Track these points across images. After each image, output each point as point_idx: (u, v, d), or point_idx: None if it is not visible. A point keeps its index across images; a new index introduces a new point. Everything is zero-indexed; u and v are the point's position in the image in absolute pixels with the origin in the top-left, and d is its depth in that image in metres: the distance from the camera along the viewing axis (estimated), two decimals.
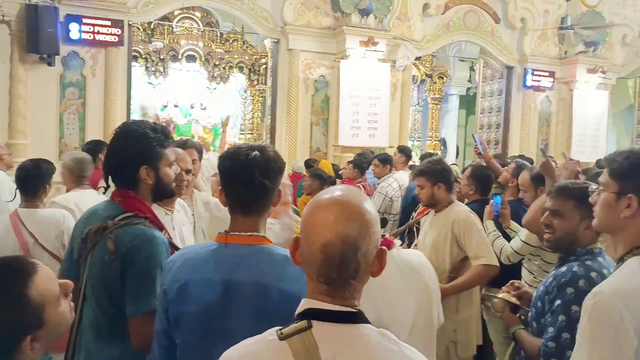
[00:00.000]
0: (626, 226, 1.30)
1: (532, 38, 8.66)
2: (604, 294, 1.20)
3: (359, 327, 0.92)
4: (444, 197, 2.79)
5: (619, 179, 1.32)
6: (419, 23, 7.84)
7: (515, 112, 8.82)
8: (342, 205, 0.93)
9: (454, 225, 2.69)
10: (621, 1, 9.18)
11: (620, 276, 1.26)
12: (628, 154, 1.34)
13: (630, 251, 1.29)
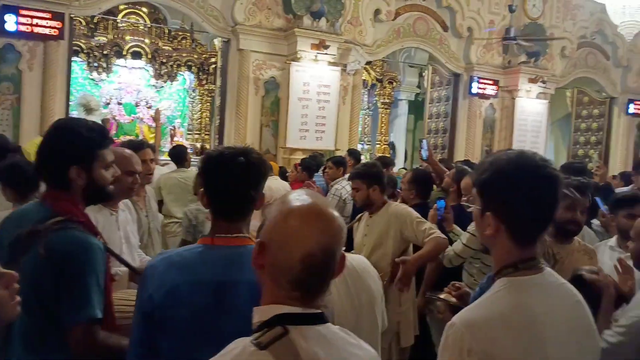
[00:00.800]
0: (493, 244, 1.20)
1: (478, 47, 9.00)
2: (455, 327, 1.11)
3: (327, 327, 0.96)
4: (378, 198, 2.96)
5: (481, 194, 1.21)
6: (370, 28, 7.98)
7: (462, 118, 9.14)
8: (319, 213, 0.94)
9: (394, 220, 2.87)
10: (561, 15, 9.70)
11: (480, 302, 1.17)
12: (489, 164, 1.20)
13: (499, 271, 1.19)
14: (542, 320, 1.11)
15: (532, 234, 1.18)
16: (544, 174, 1.16)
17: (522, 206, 1.14)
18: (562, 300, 1.17)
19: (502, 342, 1.08)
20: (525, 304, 1.12)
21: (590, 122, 11.08)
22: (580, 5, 9.56)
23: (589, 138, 11.05)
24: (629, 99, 10.54)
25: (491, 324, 1.10)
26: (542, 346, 1.10)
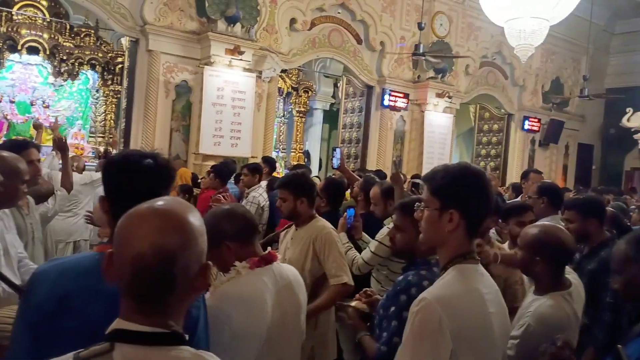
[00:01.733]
0: (448, 239, 1.41)
1: (390, 61, 9.39)
2: (426, 300, 1.30)
3: (171, 350, 0.85)
4: (305, 212, 2.77)
5: (440, 196, 1.41)
6: (286, 37, 8.04)
7: (374, 129, 9.47)
8: (161, 215, 0.87)
9: (316, 241, 2.70)
10: (465, 35, 10.39)
11: (442, 284, 1.37)
12: (444, 172, 1.43)
13: (451, 261, 1.41)
14: (487, 299, 1.37)
15: (478, 228, 1.45)
16: (485, 180, 1.43)
17: (476, 203, 1.40)
18: (491, 287, 1.45)
19: (464, 316, 1.30)
20: (475, 286, 1.37)
21: (490, 136, 11.95)
22: (482, 27, 10.29)
23: (489, 151, 11.92)
24: (524, 116, 11.51)
25: (454, 300, 1.31)
26: (489, 320, 1.36)
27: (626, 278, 1.67)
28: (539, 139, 11.90)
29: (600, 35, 12.59)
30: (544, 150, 12.11)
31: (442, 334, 1.26)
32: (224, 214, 1.80)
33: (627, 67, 12.44)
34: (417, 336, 1.30)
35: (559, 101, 12.06)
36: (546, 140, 11.90)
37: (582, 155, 12.82)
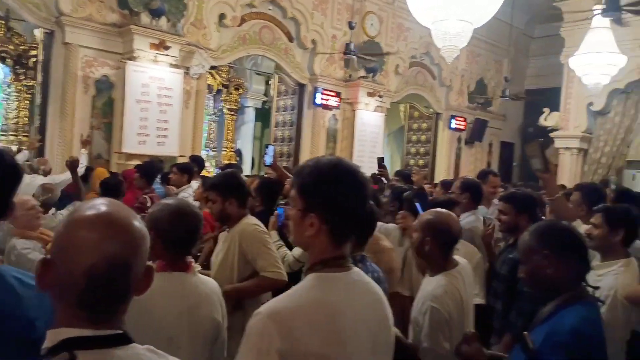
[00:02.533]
0: (312, 243, 1.27)
1: (322, 60, 9.43)
2: (259, 315, 1.17)
3: (127, 349, 0.88)
4: (235, 212, 2.70)
5: (304, 196, 1.26)
6: (215, 32, 7.86)
7: (306, 128, 9.48)
8: (108, 221, 0.85)
9: (242, 240, 2.64)
10: (395, 35, 10.64)
11: (287, 294, 1.24)
12: (312, 168, 1.26)
13: (311, 267, 1.27)
14: (342, 314, 1.20)
15: (347, 233, 1.28)
16: (359, 179, 1.27)
17: (342, 205, 1.23)
18: (363, 297, 1.28)
19: (302, 333, 1.14)
20: (327, 298, 1.21)
21: (420, 134, 12.34)
22: (411, 28, 10.57)
23: (419, 149, 12.30)
24: (451, 115, 11.97)
25: (293, 315, 1.16)
26: (341, 339, 1.18)
27: (530, 267, 1.74)
28: (465, 138, 12.41)
29: (520, 38, 13.34)
30: (470, 148, 12.65)
31: (269, 352, 1.12)
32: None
33: (544, 70, 13.25)
34: (243, 353, 1.16)
35: (483, 101, 12.65)
36: (471, 138, 12.44)
37: (504, 153, 13.53)
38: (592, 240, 2.57)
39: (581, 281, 1.70)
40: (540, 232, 1.75)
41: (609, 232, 2.58)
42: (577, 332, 1.54)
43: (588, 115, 11.42)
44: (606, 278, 2.47)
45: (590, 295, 1.73)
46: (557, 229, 1.79)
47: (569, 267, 1.67)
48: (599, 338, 1.64)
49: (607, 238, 2.58)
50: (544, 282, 1.69)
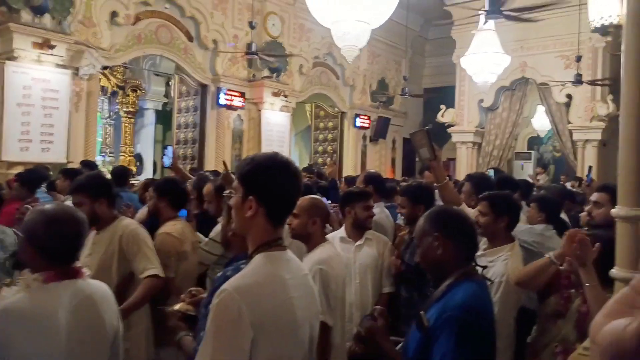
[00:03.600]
0: (251, 227, 1.45)
1: (224, 59, 9.28)
2: (226, 291, 1.31)
3: None
4: (106, 213, 2.65)
5: (244, 183, 1.46)
6: (107, 31, 7.45)
7: (210, 129, 9.28)
8: None
9: (122, 240, 2.61)
10: (297, 35, 10.73)
11: (244, 273, 1.40)
12: (251, 160, 1.48)
13: (257, 249, 1.45)
14: (290, 284, 1.43)
15: (282, 216, 1.49)
16: (293, 169, 1.48)
17: (276, 190, 1.44)
18: (297, 273, 1.52)
19: (265, 304, 1.34)
20: (278, 273, 1.43)
21: (326, 133, 12.57)
22: (313, 28, 10.70)
23: (326, 148, 12.52)
24: (356, 114, 12.31)
25: (256, 288, 1.35)
26: (291, 304, 1.41)
27: (423, 249, 1.82)
28: (369, 135, 12.83)
29: (416, 40, 14.03)
30: (375, 145, 13.10)
31: (242, 323, 1.29)
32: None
33: (439, 69, 14.04)
34: (217, 327, 1.31)
35: (384, 99, 13.15)
36: (376, 135, 12.89)
37: (407, 149, 14.15)
38: (479, 228, 2.68)
39: (470, 261, 1.80)
40: (432, 217, 1.85)
41: (494, 219, 2.71)
42: (467, 306, 1.63)
43: (480, 111, 12.28)
44: (496, 264, 2.61)
45: (478, 274, 1.83)
46: (446, 213, 1.91)
47: (458, 248, 1.76)
48: (487, 313, 1.74)
49: (494, 224, 2.70)
50: (435, 263, 1.78)
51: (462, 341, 1.57)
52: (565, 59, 10.75)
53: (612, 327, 0.49)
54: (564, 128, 11.11)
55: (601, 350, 0.49)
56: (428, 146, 2.88)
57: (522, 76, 11.46)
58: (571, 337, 2.41)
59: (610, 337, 0.48)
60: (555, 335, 2.52)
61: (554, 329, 2.54)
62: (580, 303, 2.38)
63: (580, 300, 2.39)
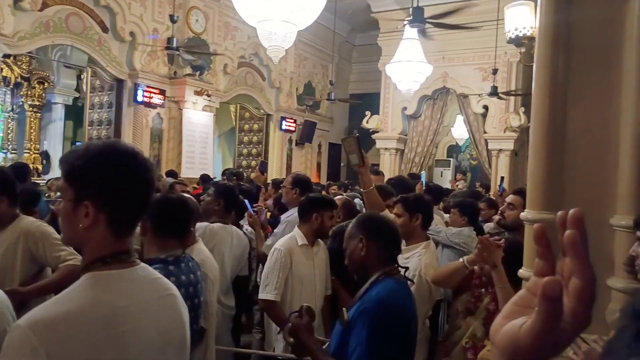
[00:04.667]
0: (88, 238, 1.13)
1: (143, 54, 8.86)
2: (19, 329, 1.00)
3: None
4: (6, 212, 2.55)
5: (74, 183, 1.12)
6: (9, 16, 6.85)
7: (127, 127, 8.82)
8: None
9: (28, 238, 2.53)
10: (222, 33, 10.48)
11: (56, 300, 1.10)
12: (83, 152, 1.13)
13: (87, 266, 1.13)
14: (125, 314, 1.10)
15: (131, 222, 1.18)
16: (139, 162, 1.16)
17: (119, 190, 1.12)
18: (151, 294, 1.19)
19: (71, 341, 1.02)
20: (105, 298, 1.09)
21: (251, 135, 12.38)
22: (239, 27, 10.53)
23: (250, 150, 12.34)
24: (282, 117, 12.24)
25: (61, 323, 1.02)
26: (123, 341, 1.08)
27: (349, 251, 1.99)
28: (295, 139, 12.79)
29: (343, 45, 14.21)
30: (300, 149, 13.08)
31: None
32: None
33: (365, 76, 14.31)
34: None
35: (311, 103, 13.18)
36: (302, 139, 12.88)
37: (332, 154, 14.28)
38: None
39: (392, 262, 1.96)
40: (358, 221, 2.03)
41: (409, 218, 2.85)
42: (382, 301, 1.76)
43: (403, 119, 12.62)
44: (412, 260, 2.74)
45: (399, 274, 1.97)
46: (371, 217, 2.11)
47: (381, 249, 1.94)
48: (403, 308, 1.86)
49: (409, 224, 2.85)
50: (360, 263, 1.94)
51: (374, 332, 1.69)
52: (483, 71, 11.30)
53: (508, 327, 0.50)
54: (480, 137, 11.67)
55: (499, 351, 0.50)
56: (357, 152, 2.96)
57: (444, 86, 11.92)
58: (479, 334, 2.56)
59: (507, 338, 0.50)
60: (465, 331, 2.64)
61: (464, 326, 2.67)
62: (489, 301, 2.54)
63: (489, 299, 2.54)
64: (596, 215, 1.83)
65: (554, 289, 0.46)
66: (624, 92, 1.85)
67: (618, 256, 1.81)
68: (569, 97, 1.93)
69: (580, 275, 0.48)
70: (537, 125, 1.96)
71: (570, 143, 1.91)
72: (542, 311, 0.47)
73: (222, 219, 3.25)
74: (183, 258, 2.05)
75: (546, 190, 1.88)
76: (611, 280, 1.82)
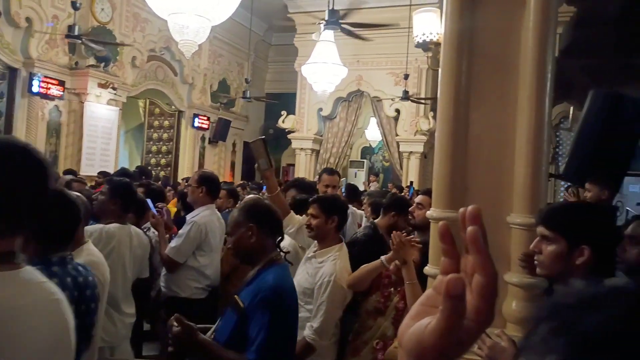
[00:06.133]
0: None
1: (40, 42, 8.23)
2: None
3: None
4: None
5: None
6: None
7: (20, 119, 8.14)
8: None
9: None
10: (131, 25, 9.99)
11: None
12: None
13: None
14: (9, 318, 1.04)
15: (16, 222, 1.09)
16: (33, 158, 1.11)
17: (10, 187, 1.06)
18: (35, 298, 1.13)
19: None
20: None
21: (161, 132, 11.92)
22: (150, 19, 10.09)
23: (160, 147, 11.87)
24: (194, 114, 11.90)
25: None
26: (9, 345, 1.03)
27: (237, 238, 2.05)
28: (208, 137, 12.50)
29: (260, 44, 14.11)
30: (214, 147, 12.80)
31: None
32: None
33: (282, 76, 14.30)
34: None
35: (226, 101, 12.95)
36: (215, 137, 12.61)
37: (247, 153, 14.11)
38: (311, 231, 2.80)
39: (277, 248, 2.09)
40: (246, 209, 2.10)
41: (325, 220, 2.83)
42: (277, 288, 1.92)
43: (319, 120, 12.76)
44: (326, 264, 2.74)
45: (282, 259, 2.10)
46: (259, 205, 2.18)
47: (268, 237, 2.05)
48: (292, 291, 2.08)
49: (325, 226, 2.82)
50: (249, 250, 2.03)
51: (274, 317, 1.85)
52: (395, 76, 11.71)
53: (414, 328, 0.50)
54: (392, 140, 12.08)
55: (406, 353, 0.50)
56: (265, 156, 2.97)
57: (358, 89, 12.20)
58: (389, 333, 2.62)
59: (414, 339, 0.50)
60: (375, 332, 2.69)
61: (374, 326, 2.71)
62: (398, 300, 2.60)
63: (398, 298, 2.61)
64: (495, 213, 1.93)
65: (456, 287, 0.46)
66: (520, 98, 1.97)
67: (514, 252, 1.93)
68: (472, 102, 2.03)
69: (483, 272, 0.48)
70: (442, 127, 2.04)
71: (472, 145, 2.00)
72: (445, 309, 0.46)
73: (119, 220, 3.01)
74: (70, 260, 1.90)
75: (450, 189, 1.96)
76: (507, 275, 1.93)
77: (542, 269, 1.60)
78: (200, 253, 3.53)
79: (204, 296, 3.54)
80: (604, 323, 0.36)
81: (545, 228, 1.57)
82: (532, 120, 1.92)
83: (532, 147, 1.91)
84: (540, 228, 1.60)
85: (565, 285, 0.41)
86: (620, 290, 0.39)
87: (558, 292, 0.42)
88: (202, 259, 3.53)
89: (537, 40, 1.93)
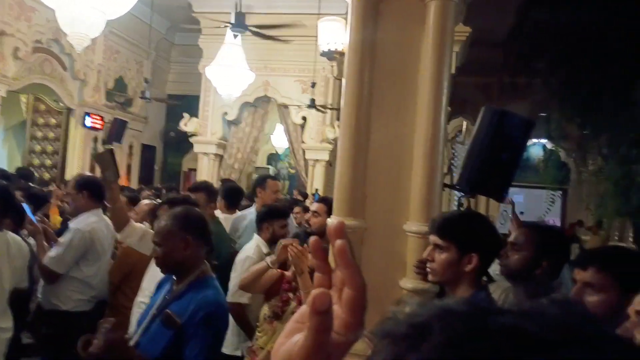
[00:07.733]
0: None
1: None
2: None
3: None
4: None
5: None
6: None
7: None
8: None
9: None
10: (14, 13, 9.20)
11: None
12: None
13: None
14: None
15: None
16: None
17: None
18: None
19: None
20: None
21: (47, 131, 11.07)
22: (37, 8, 9.34)
23: (46, 147, 11.01)
24: (86, 112, 11.18)
25: None
26: None
27: (168, 249, 1.99)
28: (102, 138, 11.82)
29: (162, 43, 13.61)
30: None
31: None
32: None
33: (184, 77, 13.89)
34: None
35: (123, 101, 12.33)
36: (110, 139, 11.93)
37: (145, 156, 13.53)
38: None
39: (205, 260, 2.09)
40: (179, 219, 2.04)
41: None
42: (218, 303, 1.99)
43: (223, 124, 12.54)
44: None
45: (210, 271, 2.10)
46: (192, 215, 2.13)
47: (200, 248, 2.04)
48: (225, 304, 2.16)
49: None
50: (181, 262, 1.99)
51: (218, 332, 1.95)
52: (302, 83, 11.84)
53: (287, 346, 0.50)
54: (298, 147, 12.19)
55: None
56: (113, 168, 2.97)
57: (265, 95, 12.18)
58: None
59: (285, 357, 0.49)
60: (271, 336, 2.72)
61: (270, 330, 2.74)
62: (295, 305, 2.66)
63: (295, 303, 2.66)
64: (393, 221, 2.02)
65: (322, 303, 0.46)
66: (418, 111, 2.08)
67: (410, 259, 2.02)
68: (373, 112, 2.11)
69: (351, 285, 0.48)
70: (344, 136, 2.10)
71: (373, 154, 2.08)
72: (312, 326, 0.46)
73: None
74: None
75: (350, 198, 2.02)
76: (403, 281, 2.02)
77: (434, 276, 1.70)
78: (85, 262, 3.33)
79: (88, 308, 3.34)
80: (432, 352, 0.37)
81: (438, 237, 1.67)
82: (429, 133, 2.03)
83: (428, 158, 2.02)
84: (433, 237, 1.69)
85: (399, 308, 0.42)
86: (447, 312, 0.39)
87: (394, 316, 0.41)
88: (87, 269, 3.34)
89: (435, 56, 2.05)
